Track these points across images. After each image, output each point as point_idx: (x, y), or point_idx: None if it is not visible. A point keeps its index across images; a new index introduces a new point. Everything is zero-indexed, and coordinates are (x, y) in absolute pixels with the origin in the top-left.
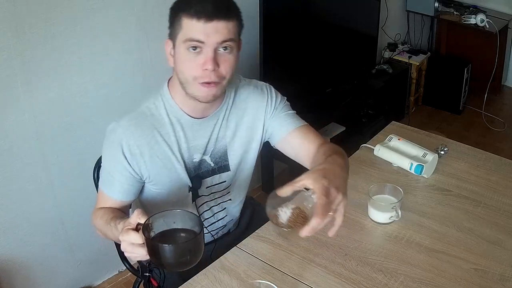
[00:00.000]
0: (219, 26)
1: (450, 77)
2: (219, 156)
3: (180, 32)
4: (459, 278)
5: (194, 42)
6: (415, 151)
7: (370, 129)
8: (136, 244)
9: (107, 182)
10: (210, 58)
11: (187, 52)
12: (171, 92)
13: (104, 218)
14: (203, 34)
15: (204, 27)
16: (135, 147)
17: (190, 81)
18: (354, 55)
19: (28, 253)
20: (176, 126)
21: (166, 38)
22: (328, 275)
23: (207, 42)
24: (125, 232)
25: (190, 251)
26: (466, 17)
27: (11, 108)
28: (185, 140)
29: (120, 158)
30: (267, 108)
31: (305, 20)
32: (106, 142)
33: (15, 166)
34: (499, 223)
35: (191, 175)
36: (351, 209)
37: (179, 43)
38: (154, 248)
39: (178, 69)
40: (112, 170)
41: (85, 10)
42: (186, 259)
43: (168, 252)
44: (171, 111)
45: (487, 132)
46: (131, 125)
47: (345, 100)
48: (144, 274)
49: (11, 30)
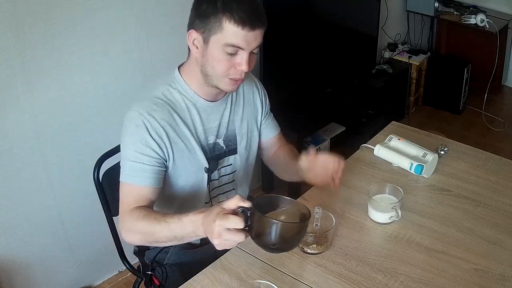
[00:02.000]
0: (257, 33)
1: (450, 77)
2: (230, 140)
3: (219, 33)
4: (459, 278)
5: (234, 48)
6: (415, 151)
7: (370, 129)
8: (234, 230)
9: (136, 171)
10: (246, 61)
11: (223, 53)
12: (185, 78)
13: (150, 217)
14: (245, 41)
15: (246, 35)
16: (160, 129)
17: (220, 76)
18: (354, 55)
19: (28, 253)
20: (191, 110)
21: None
22: (328, 275)
23: (246, 49)
24: (224, 216)
25: (299, 233)
26: (466, 17)
27: (11, 108)
28: (201, 123)
29: (149, 141)
30: (264, 111)
31: (305, 20)
32: (129, 130)
33: (15, 166)
34: (499, 223)
35: (207, 156)
36: (351, 209)
37: (215, 42)
38: (266, 225)
39: (207, 63)
40: (139, 157)
41: (85, 10)
42: (293, 241)
43: (280, 229)
44: (186, 96)
45: (487, 132)
46: (152, 110)
47: (345, 100)
48: (146, 273)
49: (11, 30)
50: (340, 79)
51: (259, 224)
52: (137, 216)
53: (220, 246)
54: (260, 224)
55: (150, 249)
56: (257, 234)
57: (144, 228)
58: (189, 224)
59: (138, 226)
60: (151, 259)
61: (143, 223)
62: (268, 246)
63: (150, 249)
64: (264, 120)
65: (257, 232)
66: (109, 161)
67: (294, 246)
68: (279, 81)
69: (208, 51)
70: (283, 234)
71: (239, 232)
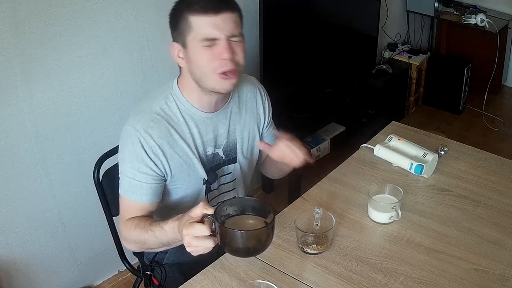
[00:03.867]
0: (226, 17)
1: (450, 77)
2: (230, 149)
3: (190, 32)
4: (459, 278)
5: (209, 42)
6: (415, 151)
7: (370, 129)
8: (201, 237)
9: (134, 187)
10: (226, 48)
11: (203, 49)
12: (182, 91)
13: (140, 226)
14: (215, 27)
15: (214, 20)
16: (156, 148)
17: (208, 74)
18: (354, 55)
19: (28, 253)
20: (189, 123)
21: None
22: (328, 275)
23: (220, 36)
24: (190, 225)
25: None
26: (466, 17)
27: (11, 108)
28: (199, 135)
29: (145, 159)
30: (266, 119)
31: (305, 20)
32: (126, 147)
33: (15, 166)
34: (499, 223)
35: (206, 168)
36: (351, 209)
37: (192, 42)
38: (228, 234)
39: (194, 66)
40: (136, 174)
41: (85, 10)
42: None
43: (242, 237)
44: (184, 109)
45: (487, 132)
46: (148, 127)
47: (345, 100)
48: (145, 273)
49: (11, 30)
50: (340, 79)
51: (220, 232)
52: (130, 226)
53: (194, 253)
54: (222, 233)
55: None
56: (222, 241)
57: (136, 237)
58: (169, 231)
59: (132, 235)
60: (150, 259)
61: (135, 232)
62: (236, 251)
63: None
64: (266, 129)
65: (222, 239)
66: (109, 161)
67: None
68: (279, 81)
69: (189, 54)
70: (245, 240)
71: (207, 238)
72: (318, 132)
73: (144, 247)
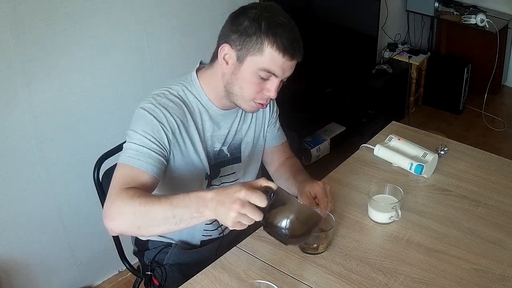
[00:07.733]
0: (294, 64)
1: (450, 77)
2: (235, 148)
3: (257, 55)
4: (459, 278)
5: (269, 74)
6: (415, 151)
7: (370, 129)
8: (254, 206)
9: (140, 154)
10: (276, 89)
11: (256, 76)
12: (202, 84)
13: (146, 195)
14: (281, 69)
15: (284, 64)
16: (174, 124)
17: (246, 97)
18: (354, 55)
19: (28, 253)
20: (203, 115)
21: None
22: (328, 275)
23: (280, 77)
24: (252, 190)
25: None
26: (466, 17)
27: (11, 108)
28: (211, 129)
29: (161, 132)
30: (271, 118)
31: (305, 20)
32: (142, 118)
33: (15, 166)
34: (499, 223)
35: (211, 163)
36: (351, 209)
37: (251, 63)
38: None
39: (237, 82)
40: (148, 143)
41: (85, 10)
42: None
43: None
44: (200, 101)
45: (487, 132)
46: (168, 104)
47: (345, 100)
48: (145, 273)
49: (11, 30)
50: (340, 79)
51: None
52: (132, 194)
53: (233, 223)
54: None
55: (150, 249)
56: (274, 216)
57: (137, 207)
58: (194, 200)
59: (133, 204)
60: (151, 259)
61: (139, 200)
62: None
63: (150, 249)
64: (269, 128)
65: (274, 215)
66: (109, 161)
67: (301, 240)
68: None
69: (240, 70)
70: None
71: (257, 210)
72: (318, 132)
73: (139, 222)
